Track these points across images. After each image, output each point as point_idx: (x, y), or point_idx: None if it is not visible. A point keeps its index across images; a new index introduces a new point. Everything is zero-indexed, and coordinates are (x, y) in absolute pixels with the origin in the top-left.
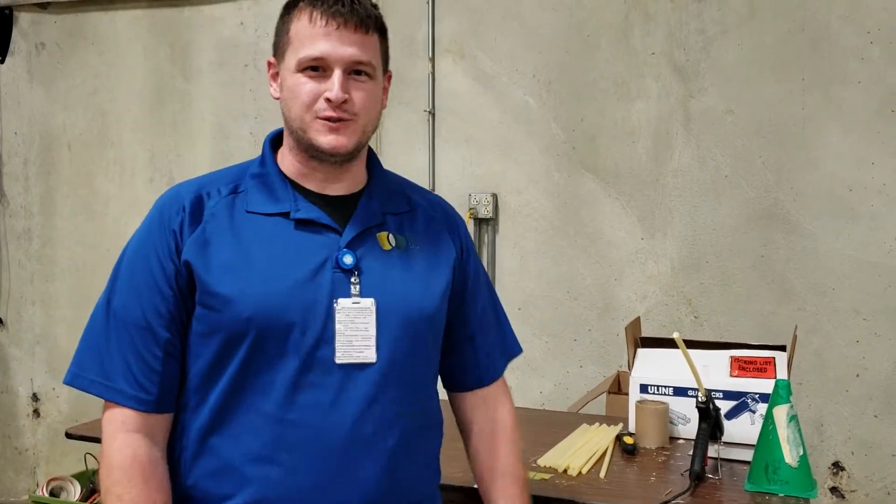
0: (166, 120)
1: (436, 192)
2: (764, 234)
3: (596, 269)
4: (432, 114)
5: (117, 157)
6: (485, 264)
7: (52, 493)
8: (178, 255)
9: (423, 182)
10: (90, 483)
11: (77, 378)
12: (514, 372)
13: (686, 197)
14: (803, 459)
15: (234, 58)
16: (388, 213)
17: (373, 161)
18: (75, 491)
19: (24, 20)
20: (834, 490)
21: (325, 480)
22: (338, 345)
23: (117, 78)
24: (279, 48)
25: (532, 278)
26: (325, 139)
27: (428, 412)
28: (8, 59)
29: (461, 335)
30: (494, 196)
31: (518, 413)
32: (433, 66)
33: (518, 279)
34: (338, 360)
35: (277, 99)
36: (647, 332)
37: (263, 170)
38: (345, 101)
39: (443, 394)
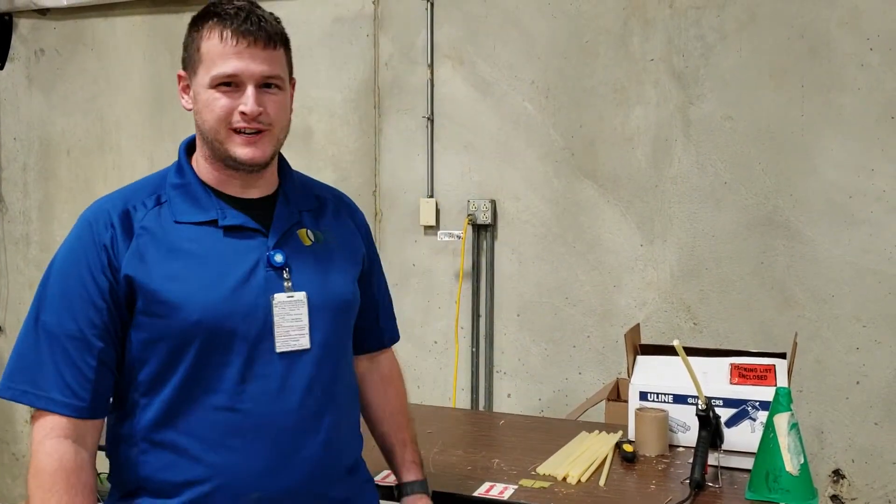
0: (165, 126)
1: (434, 198)
2: (763, 240)
3: (595, 276)
4: (431, 120)
5: (116, 163)
6: (483, 270)
7: None
8: (111, 270)
9: (422, 188)
10: None
11: (7, 389)
12: (513, 378)
13: (685, 203)
14: (804, 467)
15: None
16: (304, 211)
17: (282, 163)
18: None
19: (23, 26)
20: (834, 498)
21: (276, 461)
22: (277, 335)
23: (116, 84)
24: (190, 63)
25: (531, 285)
26: (243, 151)
27: (351, 384)
28: (7, 64)
29: (366, 308)
30: (493, 202)
31: (517, 420)
32: (432, 73)
33: (516, 285)
34: (278, 350)
35: (189, 110)
36: (646, 338)
37: (183, 179)
38: (259, 114)
39: None
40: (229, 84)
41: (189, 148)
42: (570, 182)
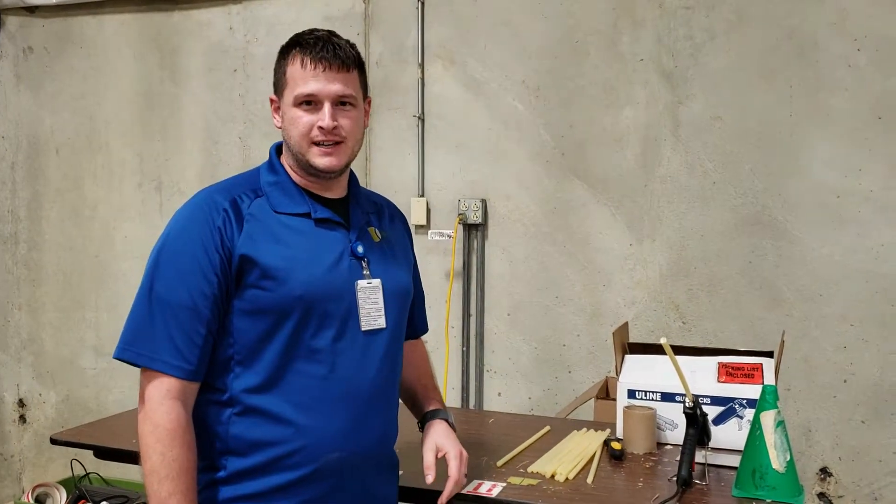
0: (155, 124)
1: (425, 198)
2: (752, 240)
3: (584, 275)
4: (422, 119)
5: (105, 162)
6: (474, 270)
7: (38, 500)
8: (223, 248)
9: (412, 187)
10: (76, 489)
11: (125, 352)
12: (503, 377)
13: (674, 203)
14: (790, 465)
15: (222, 62)
16: (370, 213)
17: (349, 173)
18: (61, 497)
19: (11, 24)
20: (821, 496)
21: (354, 425)
22: (361, 315)
23: (106, 82)
24: (278, 87)
25: (521, 284)
26: (322, 161)
27: (400, 366)
28: None
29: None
30: (483, 202)
31: (506, 418)
32: (423, 72)
33: (507, 285)
34: (363, 328)
35: (279, 128)
36: (635, 337)
37: (277, 177)
38: (334, 128)
39: None
40: (310, 103)
41: (278, 151)
42: (561, 182)
